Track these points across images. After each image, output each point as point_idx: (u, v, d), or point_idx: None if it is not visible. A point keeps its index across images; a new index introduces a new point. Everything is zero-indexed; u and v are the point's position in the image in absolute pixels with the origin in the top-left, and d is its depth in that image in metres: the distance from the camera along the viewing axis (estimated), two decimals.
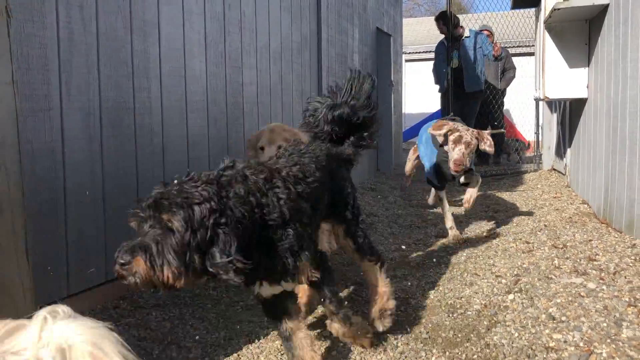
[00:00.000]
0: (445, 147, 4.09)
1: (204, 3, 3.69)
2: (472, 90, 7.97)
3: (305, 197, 1.96)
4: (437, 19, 8.15)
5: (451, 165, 3.94)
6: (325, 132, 2.46)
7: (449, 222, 4.36)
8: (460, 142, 3.92)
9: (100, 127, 2.85)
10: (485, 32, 8.62)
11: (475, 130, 4.08)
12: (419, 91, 14.78)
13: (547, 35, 5.36)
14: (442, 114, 8.33)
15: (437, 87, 8.52)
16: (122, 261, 1.55)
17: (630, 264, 3.15)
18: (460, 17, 9.08)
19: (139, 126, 3.10)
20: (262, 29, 4.50)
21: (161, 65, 3.27)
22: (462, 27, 8.11)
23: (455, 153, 3.92)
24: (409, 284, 3.19)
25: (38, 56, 2.49)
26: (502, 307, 2.75)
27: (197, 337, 2.55)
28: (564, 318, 2.51)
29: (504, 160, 9.00)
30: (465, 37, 7.91)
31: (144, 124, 3.14)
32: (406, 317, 2.70)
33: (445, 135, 4.02)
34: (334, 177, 2.31)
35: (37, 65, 2.48)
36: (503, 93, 9.01)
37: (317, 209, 2.10)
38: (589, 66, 5.21)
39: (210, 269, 1.59)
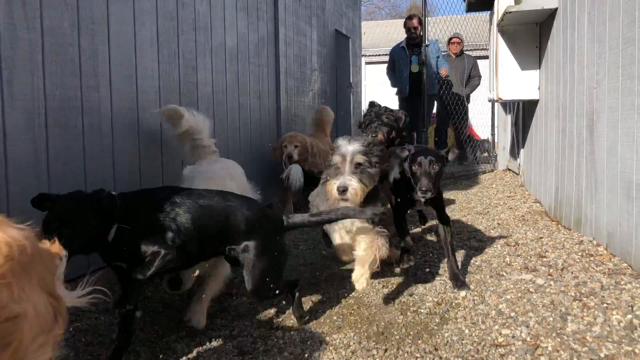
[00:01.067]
0: None
1: (156, 1, 3.62)
2: (432, 93, 8.18)
3: None
4: (414, 18, 8.19)
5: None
6: None
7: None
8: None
9: (46, 128, 2.76)
10: (455, 40, 8.92)
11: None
12: (378, 93, 14.89)
13: (500, 38, 5.47)
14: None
15: (395, 90, 8.59)
16: None
17: (577, 260, 3.24)
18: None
19: (87, 126, 3.02)
20: (218, 28, 4.46)
21: (111, 64, 3.20)
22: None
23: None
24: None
25: None
26: (453, 304, 2.78)
27: (147, 341, 2.50)
28: (512, 314, 2.55)
29: (469, 161, 9.15)
30: (426, 45, 8.07)
31: (92, 124, 3.06)
32: (359, 316, 2.71)
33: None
34: None
35: None
36: (467, 99, 9.23)
37: None
38: (540, 68, 5.35)
39: None
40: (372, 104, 4.24)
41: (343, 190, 2.55)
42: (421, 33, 8.00)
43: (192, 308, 2.62)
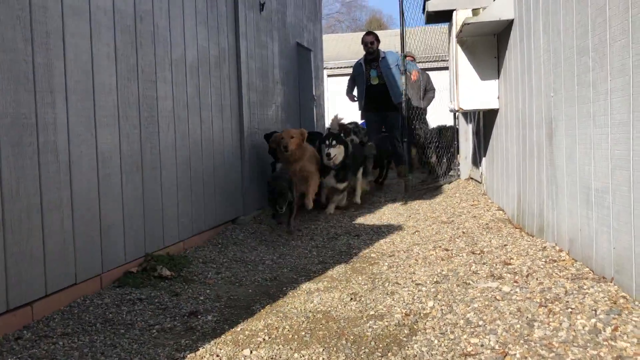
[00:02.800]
0: None
1: (113, 15, 3.55)
2: (398, 102, 8.34)
3: None
4: (372, 34, 8.44)
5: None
6: None
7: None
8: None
9: None
10: (409, 57, 9.16)
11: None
12: (341, 105, 14.98)
13: (459, 49, 5.56)
14: (367, 125, 8.71)
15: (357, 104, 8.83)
16: None
17: (541, 266, 3.28)
18: (380, 32, 9.42)
19: (42, 144, 2.92)
20: (177, 41, 4.40)
21: (67, 79, 3.11)
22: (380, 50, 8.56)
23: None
24: (332, 296, 3.17)
25: None
26: (422, 314, 2.78)
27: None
28: (480, 322, 2.56)
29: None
30: (382, 58, 8.30)
31: (47, 141, 2.96)
32: (327, 331, 2.67)
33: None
34: None
35: None
36: (425, 111, 9.50)
37: None
38: (499, 78, 5.45)
39: None
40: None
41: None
42: (378, 48, 8.30)
43: None
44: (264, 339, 2.61)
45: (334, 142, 6.15)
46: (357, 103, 8.75)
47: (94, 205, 3.34)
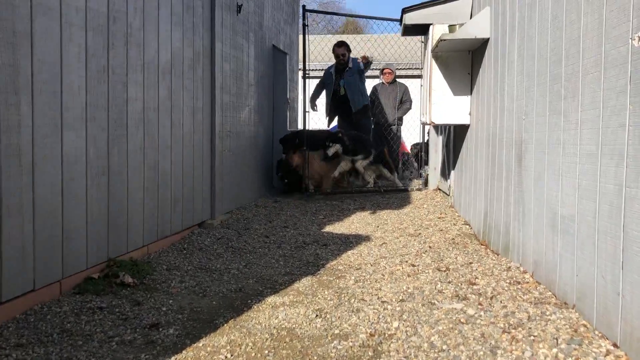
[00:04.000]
0: None
1: (85, 14, 3.45)
2: (359, 107, 8.56)
3: None
4: (344, 44, 8.55)
5: None
6: None
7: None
8: None
9: None
10: (387, 71, 9.38)
11: None
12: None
13: (434, 63, 5.60)
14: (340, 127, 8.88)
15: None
16: None
17: (506, 288, 3.32)
18: (355, 36, 9.46)
19: (4, 145, 2.81)
20: (151, 43, 4.31)
21: (33, 79, 3.01)
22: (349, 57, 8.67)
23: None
24: (297, 311, 3.14)
25: None
26: (387, 335, 2.77)
27: None
28: (444, 347, 2.57)
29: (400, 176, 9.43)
30: (349, 68, 8.44)
31: (10, 143, 2.85)
32: (291, 350, 2.65)
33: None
34: None
35: None
36: (400, 121, 9.64)
37: None
38: (471, 94, 5.51)
39: None
40: None
41: None
42: (349, 58, 8.50)
43: None
44: (226, 357, 2.57)
45: (331, 144, 7.79)
46: (319, 111, 9.03)
47: (56, 209, 3.24)
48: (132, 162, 4.05)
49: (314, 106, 8.85)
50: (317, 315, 3.08)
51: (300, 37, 8.60)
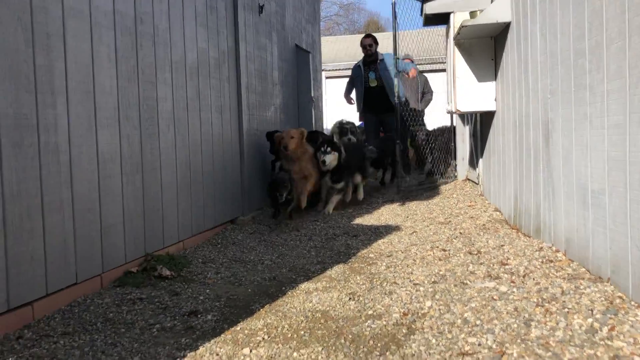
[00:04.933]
0: None
1: (113, 16, 3.57)
2: (392, 105, 8.35)
3: None
4: (370, 37, 8.52)
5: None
6: None
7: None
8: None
9: (0, 146, 2.67)
10: (407, 60, 9.16)
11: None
12: (339, 107, 15.02)
13: (456, 51, 5.59)
14: (366, 126, 8.73)
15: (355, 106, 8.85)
16: None
17: (538, 267, 3.31)
18: (377, 35, 9.46)
19: (43, 144, 2.94)
20: (177, 43, 4.42)
21: (67, 80, 3.13)
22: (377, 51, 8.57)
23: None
24: (330, 295, 3.19)
25: None
26: (420, 314, 2.80)
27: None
28: (478, 322, 2.58)
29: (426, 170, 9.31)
30: (380, 60, 8.34)
31: (49, 142, 2.98)
32: (327, 330, 2.70)
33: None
34: None
35: None
36: (422, 113, 9.52)
37: None
38: (496, 80, 5.48)
39: None
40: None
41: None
42: (376, 50, 8.36)
43: None
44: (263, 338, 2.63)
45: (328, 149, 6.31)
46: (355, 105, 8.81)
47: (94, 206, 3.36)
48: (165, 160, 4.16)
49: (350, 100, 8.76)
50: (350, 298, 3.13)
51: (321, 37, 8.60)
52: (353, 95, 8.77)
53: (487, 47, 5.49)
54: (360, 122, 9.16)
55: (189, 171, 4.56)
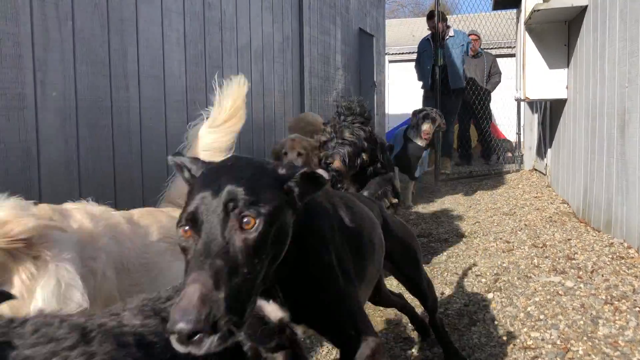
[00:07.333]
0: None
1: (183, 2, 3.66)
2: (455, 87, 7.88)
3: None
4: (431, 16, 8.03)
5: (422, 134, 5.41)
6: None
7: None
8: (428, 118, 5.43)
9: (77, 127, 2.81)
10: (473, 37, 8.63)
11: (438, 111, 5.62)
12: (402, 92, 14.84)
13: (527, 36, 5.39)
14: (424, 106, 8.30)
15: (420, 84, 8.36)
16: None
17: (607, 263, 3.18)
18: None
19: (116, 126, 3.06)
20: (243, 28, 4.48)
21: (139, 64, 3.24)
22: (448, 26, 8.03)
23: (424, 125, 5.42)
24: (390, 283, 3.18)
25: (11, 54, 2.44)
26: (481, 305, 2.76)
27: None
28: (542, 316, 2.52)
29: (493, 160, 9.02)
30: (450, 36, 7.84)
31: (121, 124, 3.10)
32: (386, 316, 2.70)
33: (415, 114, 5.51)
34: None
35: (10, 63, 2.44)
36: (488, 97, 9.00)
37: None
38: (568, 67, 5.26)
39: None
40: (340, 112, 3.24)
41: None
42: (445, 27, 7.68)
43: None
44: None
45: None
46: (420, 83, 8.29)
47: (161, 187, 3.47)
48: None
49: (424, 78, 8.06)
50: None
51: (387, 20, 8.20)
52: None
53: (560, 32, 5.27)
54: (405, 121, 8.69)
55: (252, 154, 4.64)
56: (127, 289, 1.71)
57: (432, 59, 7.71)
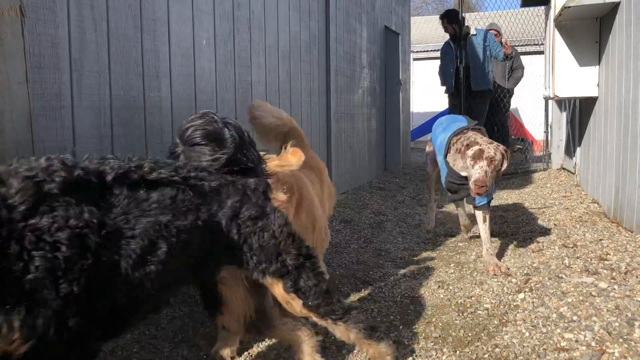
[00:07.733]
0: (459, 165, 3.54)
1: (213, 2, 3.69)
2: (479, 89, 7.66)
3: None
4: (442, 17, 7.92)
5: (472, 187, 3.28)
6: None
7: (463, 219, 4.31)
8: (482, 158, 3.28)
9: (111, 126, 2.86)
10: (493, 32, 8.37)
11: (500, 145, 3.42)
12: (427, 90, 14.75)
13: (557, 33, 5.33)
14: (450, 113, 8.17)
15: (444, 87, 8.24)
16: None
17: None
18: (468, 15, 8.93)
19: (149, 125, 3.11)
20: (271, 27, 4.51)
21: (171, 64, 3.28)
22: (467, 25, 7.87)
23: (476, 171, 3.27)
24: (419, 282, 3.18)
25: (50, 55, 2.49)
26: (512, 306, 2.74)
27: (208, 335, 2.56)
28: (575, 317, 2.49)
29: (518, 159, 8.85)
30: (472, 35, 7.67)
31: (154, 123, 3.15)
32: (416, 316, 2.70)
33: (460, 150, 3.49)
34: None
35: (48, 64, 2.49)
36: (510, 93, 8.78)
37: None
38: (599, 64, 5.18)
39: None
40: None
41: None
42: (460, 27, 7.52)
43: None
44: None
45: None
46: (444, 88, 8.25)
47: None
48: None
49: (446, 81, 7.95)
50: (439, 287, 3.10)
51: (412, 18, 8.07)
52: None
53: (591, 29, 5.19)
54: (447, 108, 8.63)
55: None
56: None
57: (453, 61, 7.59)
